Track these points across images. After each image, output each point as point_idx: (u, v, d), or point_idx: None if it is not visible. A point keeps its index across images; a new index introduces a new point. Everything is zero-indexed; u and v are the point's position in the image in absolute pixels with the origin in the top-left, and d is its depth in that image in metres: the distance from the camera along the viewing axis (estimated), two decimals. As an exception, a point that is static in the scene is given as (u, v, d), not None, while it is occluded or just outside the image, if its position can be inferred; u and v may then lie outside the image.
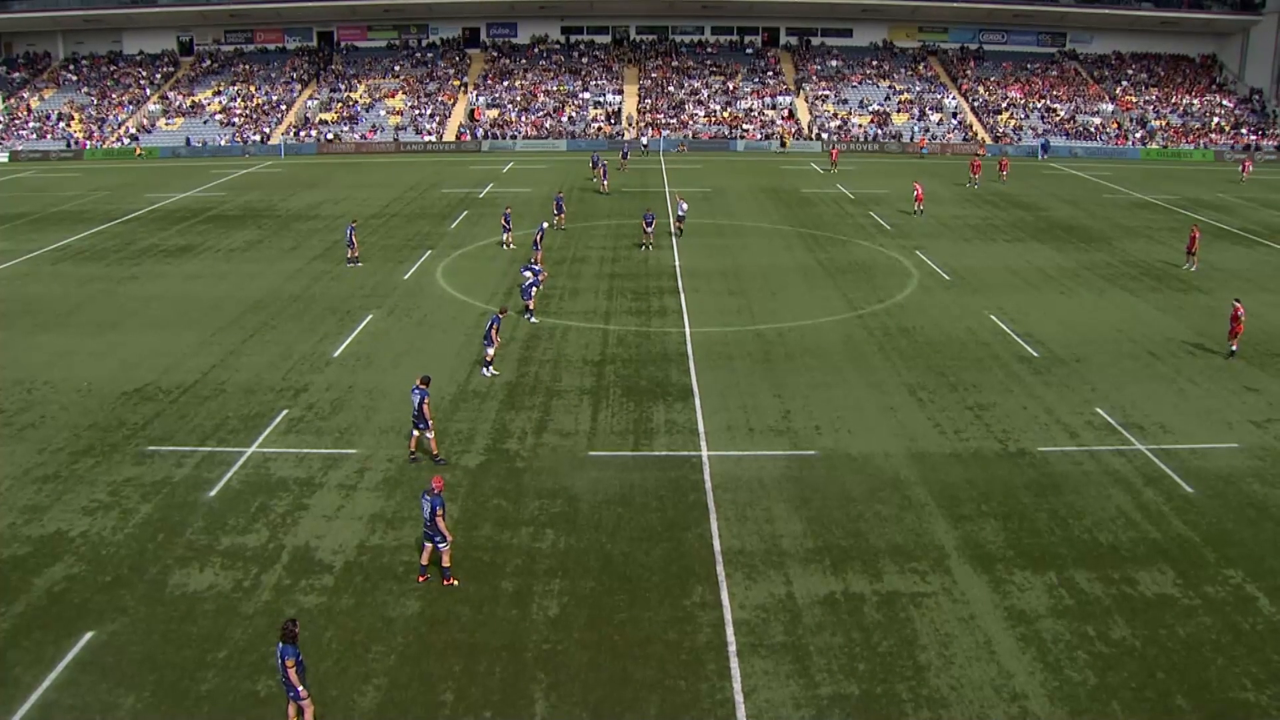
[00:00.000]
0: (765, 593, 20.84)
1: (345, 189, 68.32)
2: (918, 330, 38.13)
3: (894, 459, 27.09)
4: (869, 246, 51.87)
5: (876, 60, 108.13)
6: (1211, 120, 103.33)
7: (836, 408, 30.37)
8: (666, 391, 31.55)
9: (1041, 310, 41.24)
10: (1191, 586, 21.51)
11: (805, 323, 38.67)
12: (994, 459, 27.33)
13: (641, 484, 25.37)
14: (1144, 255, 52.30)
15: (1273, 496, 25.70)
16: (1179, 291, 45.25)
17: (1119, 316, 40.89)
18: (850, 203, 64.81)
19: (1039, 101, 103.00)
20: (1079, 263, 50.04)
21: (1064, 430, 29.23)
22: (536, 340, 36.23)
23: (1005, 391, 32.24)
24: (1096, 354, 35.97)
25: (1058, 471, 26.65)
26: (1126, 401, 31.56)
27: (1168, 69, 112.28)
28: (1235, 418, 30.69)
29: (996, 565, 22.04)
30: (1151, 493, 25.68)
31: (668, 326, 37.97)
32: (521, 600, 20.52)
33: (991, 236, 55.78)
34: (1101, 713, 17.53)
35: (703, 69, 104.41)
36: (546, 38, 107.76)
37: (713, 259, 48.00)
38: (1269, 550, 23.09)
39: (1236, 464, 27.50)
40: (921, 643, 19.28)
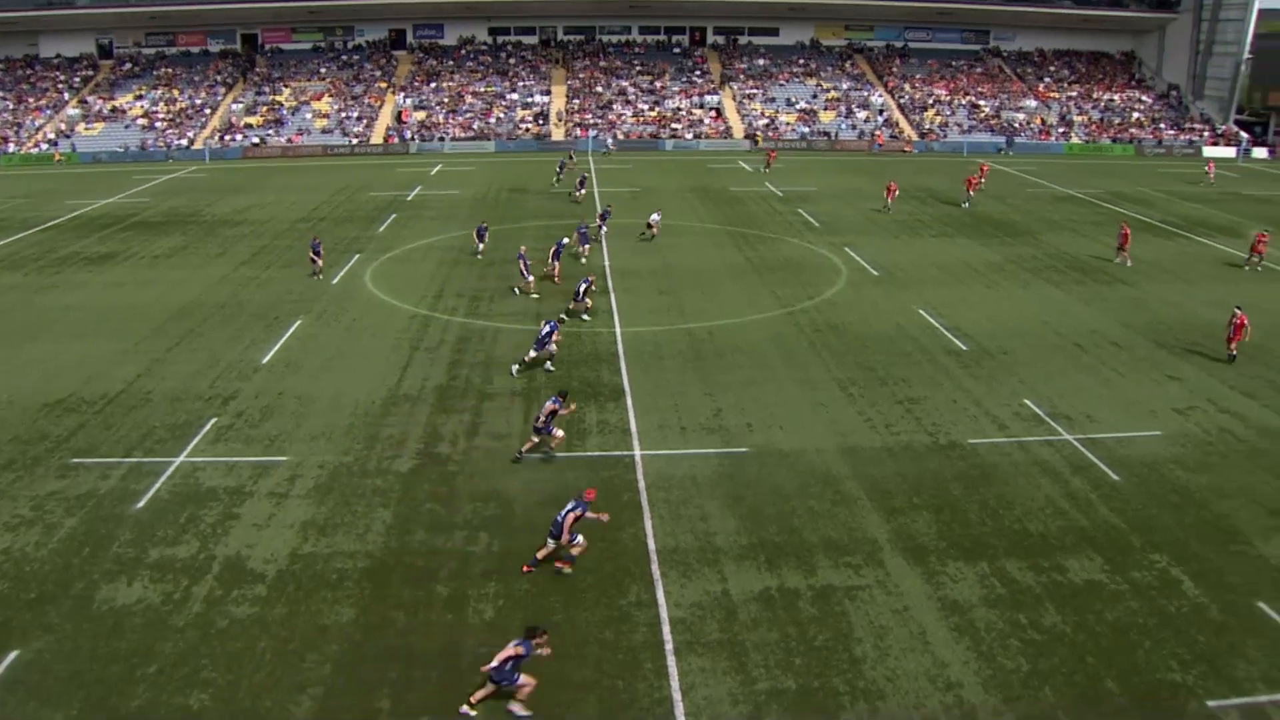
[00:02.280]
0: (701, 590, 20.93)
1: (272, 193, 67.49)
2: (847, 326, 38.46)
3: (826, 454, 27.31)
4: (798, 244, 52.21)
5: (803, 59, 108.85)
6: (1131, 115, 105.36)
7: (768, 405, 30.55)
8: (598, 392, 31.54)
9: (969, 304, 41.79)
10: (1119, 572, 21.95)
11: (735, 321, 38.85)
12: (925, 452, 27.66)
13: (575, 485, 25.28)
14: (1069, 249, 53.16)
15: (1195, 482, 26.31)
16: (1103, 284, 46.08)
17: (1045, 309, 41.56)
18: (779, 200, 65.18)
19: (964, 98, 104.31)
20: (1005, 257, 50.78)
21: (993, 422, 29.66)
22: (466, 342, 36.03)
23: (935, 385, 32.63)
24: (1023, 346, 36.56)
25: (988, 463, 27.04)
26: (1054, 393, 32.11)
27: (1089, 66, 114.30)
28: (1159, 406, 31.35)
29: (929, 557, 22.32)
30: (1079, 481, 26.16)
31: (598, 327, 37.95)
32: (457, 604, 20.42)
33: (919, 232, 56.40)
34: (1034, 699, 17.84)
35: (630, 69, 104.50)
36: (474, 39, 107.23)
37: (643, 258, 48.04)
38: (1192, 535, 23.63)
39: (1160, 451, 28.10)
40: (857, 635, 19.48)
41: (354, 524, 23.52)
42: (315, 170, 78.61)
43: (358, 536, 22.90)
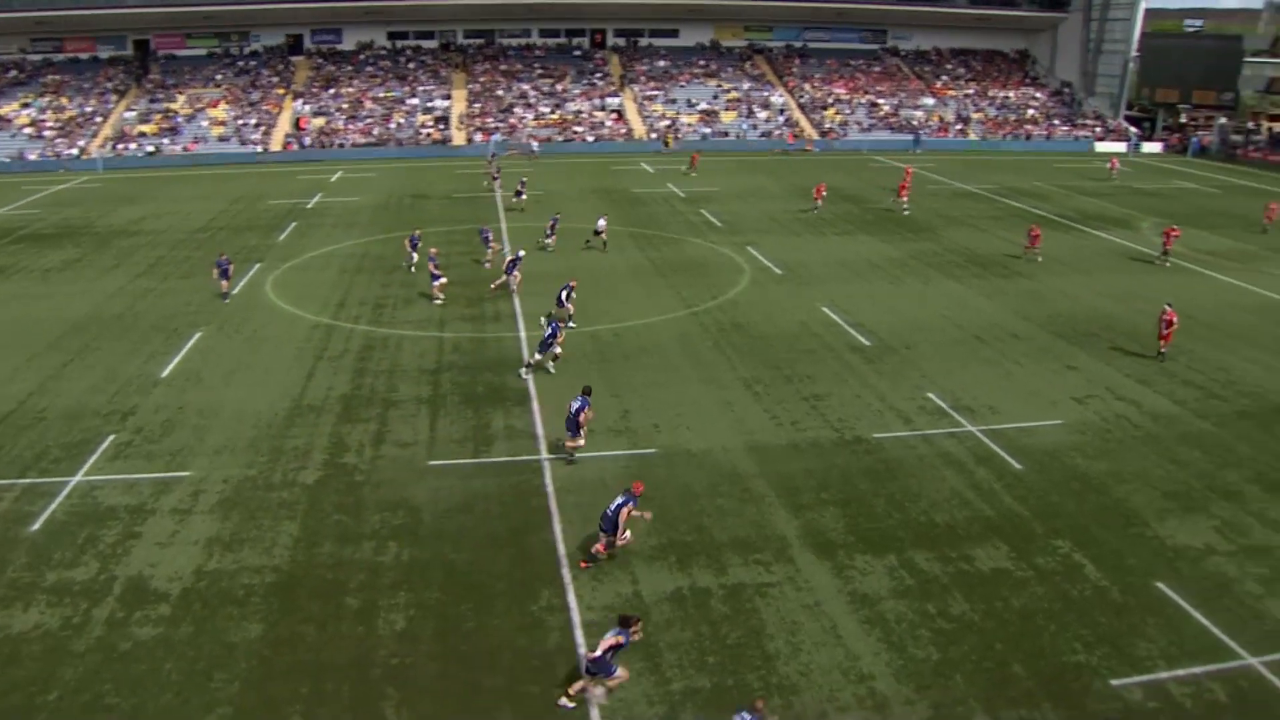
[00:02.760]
0: (612, 593, 20.94)
1: (168, 203, 66.03)
2: (752, 325, 38.77)
3: (733, 453, 27.51)
4: (701, 244, 52.48)
5: (704, 60, 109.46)
6: (1026, 112, 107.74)
7: (674, 405, 30.68)
8: (504, 397, 31.40)
9: (872, 301, 42.37)
10: (1024, 559, 22.45)
11: (640, 322, 38.95)
12: (831, 448, 27.99)
13: (483, 491, 25.21)
14: (968, 244, 54.18)
15: (1094, 469, 27.02)
16: (1002, 278, 47.05)
17: (946, 304, 42.34)
18: (681, 201, 65.46)
19: (864, 97, 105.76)
20: (906, 253, 51.60)
21: (898, 416, 30.12)
22: (371, 351, 35.64)
23: (839, 381, 33.04)
24: (926, 341, 37.19)
25: (893, 456, 27.46)
26: (956, 385, 32.72)
27: (984, 64, 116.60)
28: (1058, 396, 32.12)
29: (838, 551, 22.60)
30: (983, 472, 26.68)
31: (503, 331, 37.78)
32: (367, 616, 20.19)
33: (821, 230, 57.03)
34: (945, 687, 18.19)
35: (531, 72, 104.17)
36: (372, 44, 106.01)
37: (546, 262, 47.90)
38: (1092, 520, 24.28)
39: (1060, 439, 28.81)
40: (769, 632, 19.65)
41: (260, 538, 23.13)
42: (212, 179, 77.12)
43: (264, 551, 22.52)
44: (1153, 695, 18.13)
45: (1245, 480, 26.77)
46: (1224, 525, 24.32)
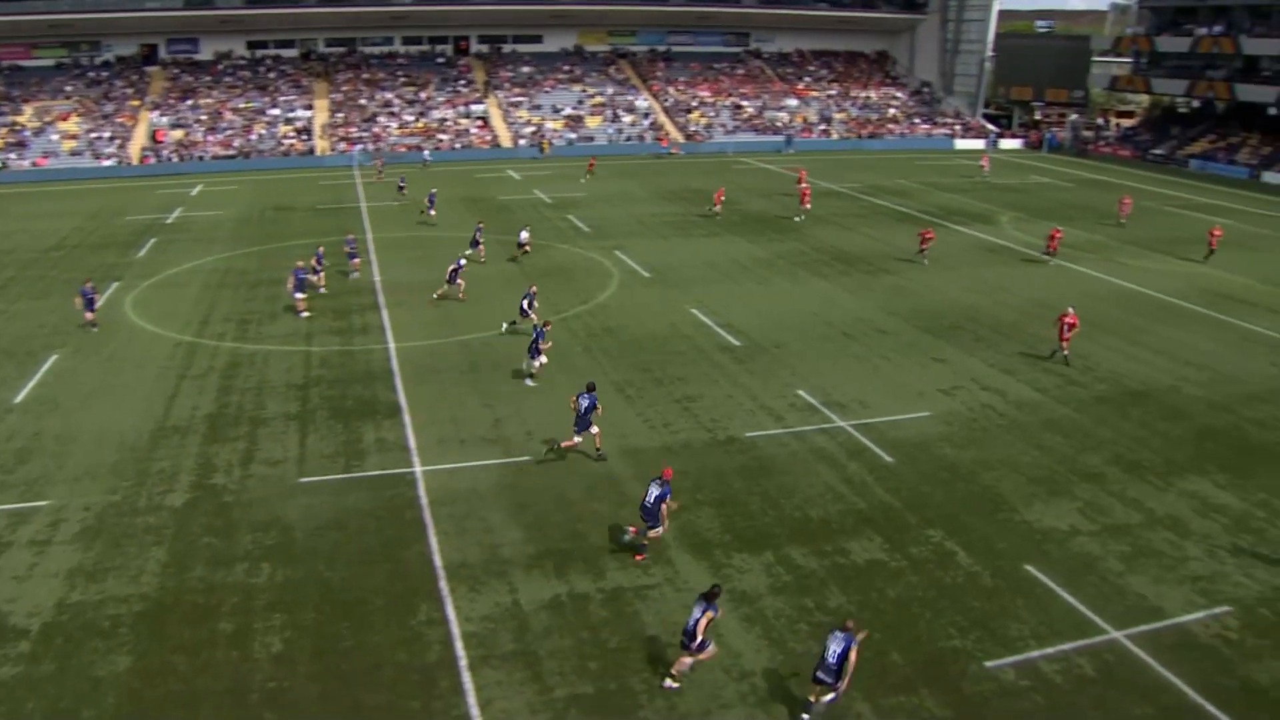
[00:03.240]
0: (491, 603, 20.80)
1: (17, 220, 63.55)
2: (622, 329, 38.91)
3: (607, 457, 27.57)
4: (568, 249, 52.47)
5: (568, 65, 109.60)
6: (888, 111, 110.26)
7: (546, 411, 30.54)
8: (375, 410, 30.98)
9: (740, 301, 42.87)
10: (897, 549, 22.94)
11: (495, 333, 38.70)
12: (704, 448, 28.23)
13: (356, 506, 24.83)
14: (834, 242, 55.17)
15: (962, 458, 27.76)
16: (868, 274, 48.04)
17: (814, 301, 43.06)
18: (548, 207, 65.40)
19: (727, 99, 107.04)
20: (773, 253, 52.31)
21: (769, 414, 30.51)
22: (237, 368, 34.84)
23: (711, 382, 33.35)
24: (795, 339, 37.76)
25: (766, 454, 27.81)
26: (826, 382, 33.28)
27: (845, 65, 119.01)
28: (925, 388, 32.91)
29: (715, 551, 22.79)
30: (855, 466, 27.19)
31: (371, 344, 37.28)
32: (241, 640, 19.70)
33: (689, 232, 57.52)
34: (824, 679, 18.44)
35: (394, 80, 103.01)
36: (231, 53, 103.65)
37: (414, 271, 47.37)
38: (961, 508, 24.93)
39: (929, 431, 29.52)
40: (650, 634, 19.71)
41: (126, 566, 22.40)
42: (65, 195, 74.49)
43: (131, 579, 21.81)
44: (1025, 674, 18.68)
45: (1105, 462, 27.82)
46: (1086, 506, 25.21)
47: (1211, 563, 22.79)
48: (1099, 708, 17.91)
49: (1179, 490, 26.37)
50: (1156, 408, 31.97)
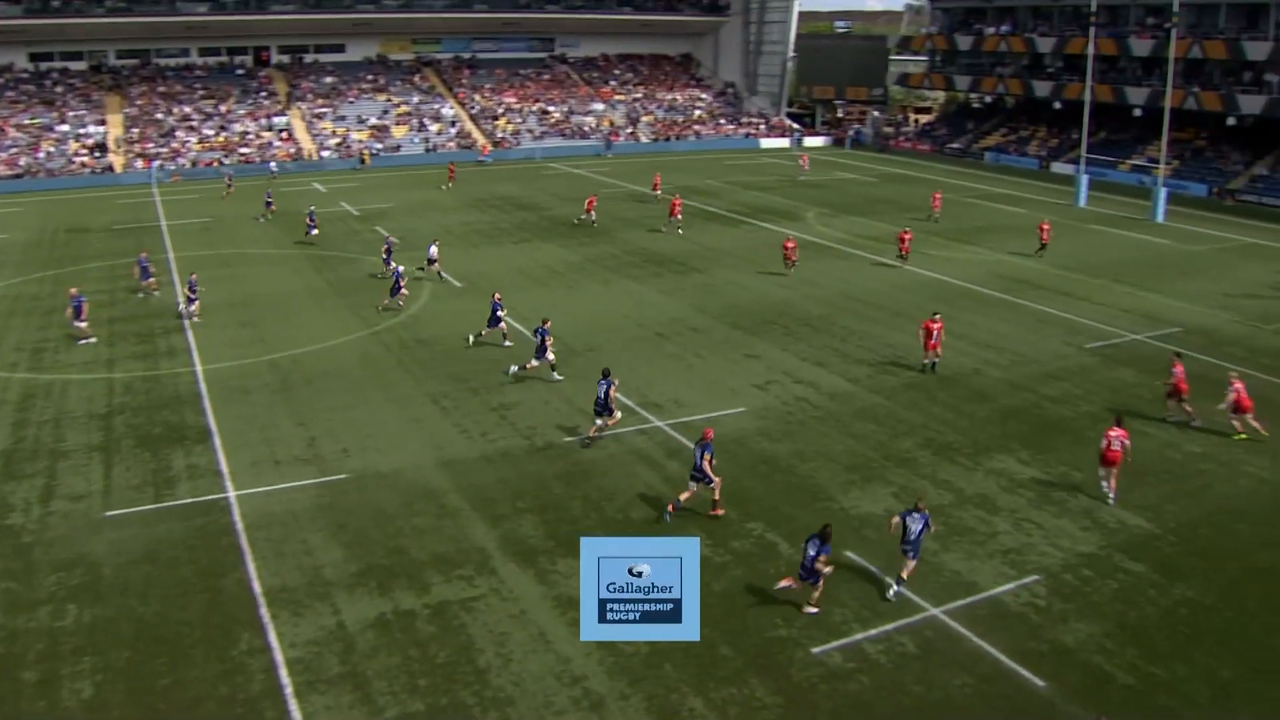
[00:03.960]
0: (314, 626, 20.32)
1: None
2: (435, 340, 38.55)
3: (425, 470, 27.27)
4: (378, 262, 51.62)
5: (372, 74, 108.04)
6: (694, 113, 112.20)
7: (362, 427, 30.13)
8: (184, 436, 29.92)
9: (553, 306, 42.76)
10: (720, 544, 23.33)
11: (321, 346, 38.00)
12: (523, 456, 28.21)
13: (168, 537, 23.92)
14: (644, 244, 55.82)
15: (779, 450, 28.44)
16: (678, 274, 48.79)
17: (626, 304, 43.55)
18: (356, 219, 64.30)
19: (534, 105, 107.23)
20: (584, 257, 52.61)
21: (587, 418, 30.41)
22: (32, 399, 33.16)
23: (526, 389, 33.31)
24: (609, 341, 38.09)
25: (586, 458, 27.94)
26: (642, 382, 33.63)
27: (651, 68, 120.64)
28: (739, 384, 33.61)
29: (539, 558, 22.76)
30: (675, 465, 27.50)
31: (177, 367, 36.02)
32: (49, 688, 18.67)
33: (498, 240, 57.40)
34: (657, 677, 18.63)
35: (192, 93, 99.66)
36: (12, 66, 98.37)
37: (219, 291, 45.91)
38: (780, 499, 25.55)
39: (745, 426, 30.13)
40: (479, 646, 19.57)
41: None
42: None
43: (-86, 633, 20.56)
44: (851, 657, 19.23)
45: (916, 446, 28.92)
46: (901, 490, 26.10)
47: (1019, 535, 23.91)
48: (921, 682, 18.57)
49: (986, 469, 27.59)
50: (962, 391, 33.37)
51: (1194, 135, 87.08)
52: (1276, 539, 24.17)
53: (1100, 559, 23.05)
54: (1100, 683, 18.51)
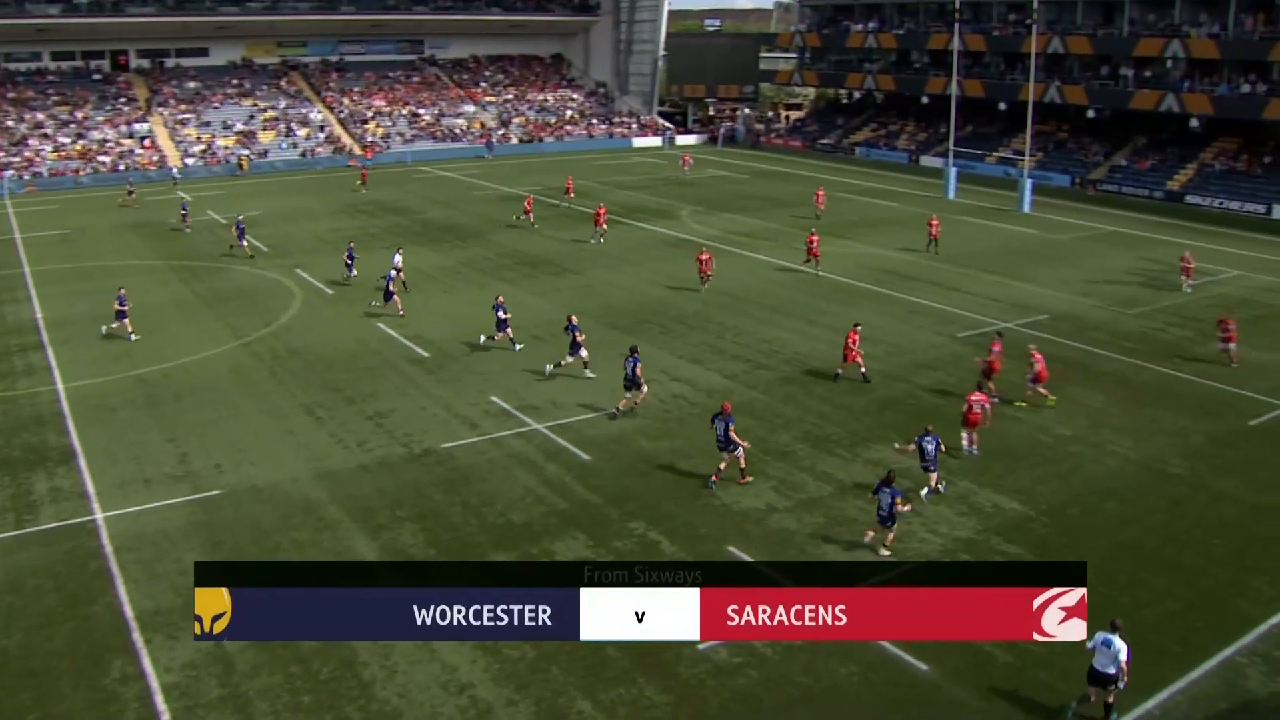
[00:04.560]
0: (191, 649, 19.76)
1: None
2: (308, 349, 38.01)
3: (302, 483, 26.89)
4: (248, 271, 50.74)
5: (236, 78, 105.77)
6: (565, 113, 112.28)
7: (235, 441, 29.58)
8: (45, 458, 28.96)
9: (428, 311, 42.72)
10: (602, 544, 23.47)
11: (191, 359, 37.13)
12: (401, 464, 28.00)
13: (30, 565, 23.14)
14: (518, 246, 55.71)
15: (659, 449, 28.72)
16: (553, 275, 48.85)
17: (504, 306, 43.35)
18: (223, 228, 62.90)
19: (404, 108, 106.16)
20: (458, 260, 52.27)
21: (464, 423, 30.56)
22: None
23: (402, 396, 33.09)
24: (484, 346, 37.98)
25: (465, 464, 27.85)
26: (518, 385, 33.65)
27: (521, 69, 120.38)
28: (617, 384, 32.99)
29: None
30: (554, 467, 27.62)
31: (36, 386, 34.87)
32: (-102, 734, 18.06)
33: (370, 246, 56.56)
34: (544, 681, 18.69)
35: (45, 100, 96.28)
36: None
37: (80, 305, 44.52)
38: (661, 497, 25.78)
39: (624, 425, 30.38)
40: (362, 660, 19.34)
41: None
42: None
43: None
44: (738, 651, 19.42)
45: (794, 440, 29.43)
46: (781, 484, 26.56)
47: (899, 524, 24.45)
48: (809, 673, 18.90)
49: (864, 459, 28.20)
50: (838, 384, 34.01)
51: (1056, 128, 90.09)
52: (1140, 516, 25.23)
53: (978, 543, 23.75)
54: (981, 662, 19.02)
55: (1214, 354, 36.80)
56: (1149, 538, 24.15)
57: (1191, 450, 29.16)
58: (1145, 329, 40.68)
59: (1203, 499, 26.16)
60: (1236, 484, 27.00)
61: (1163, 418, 31.50)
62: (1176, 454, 28.88)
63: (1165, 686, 18.48)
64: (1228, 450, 29.23)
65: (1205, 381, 34.67)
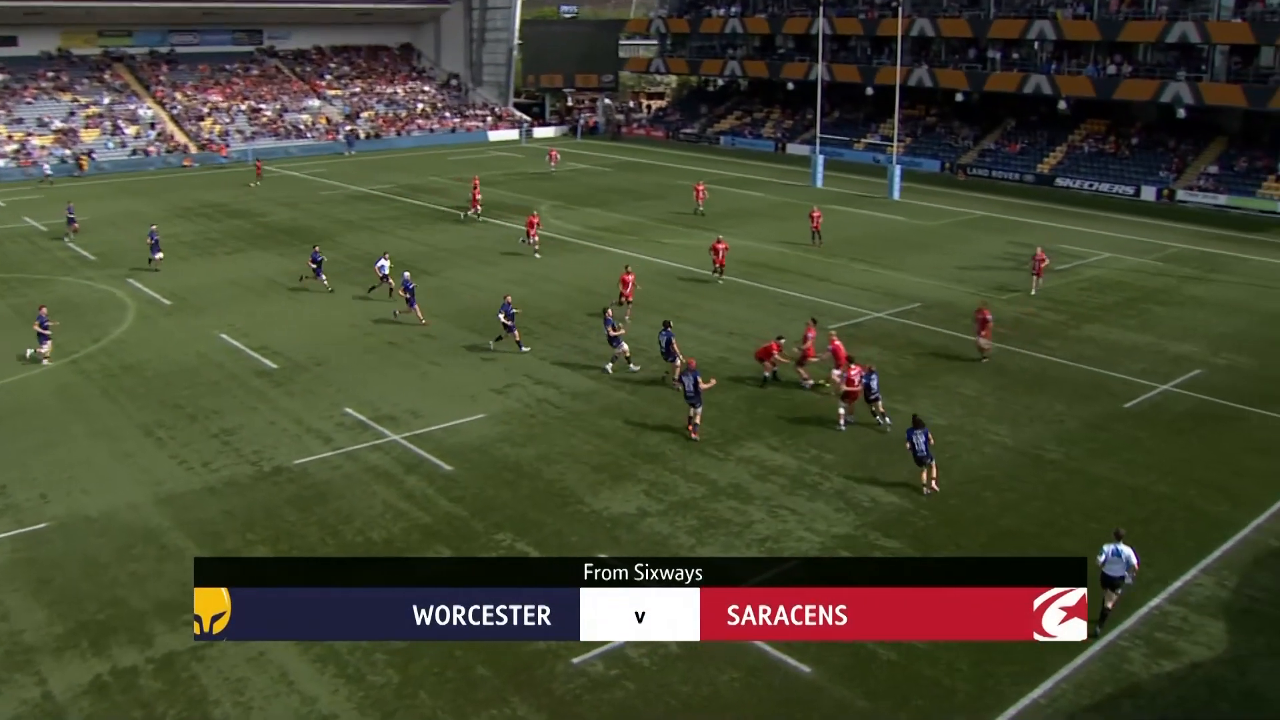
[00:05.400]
0: (16, 701, 18.97)
1: None
2: (144, 365, 36.91)
3: (141, 509, 26.08)
4: (74, 282, 49.10)
5: (52, 71, 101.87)
6: (416, 106, 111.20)
7: (63, 468, 28.56)
8: None
9: (275, 320, 41.97)
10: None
11: (8, 380, 35.70)
12: (250, 483, 27.42)
13: None
14: (369, 248, 54.86)
15: (524, 456, 28.66)
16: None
17: (354, 312, 42.91)
18: (44, 236, 60.81)
19: (243, 103, 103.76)
20: (306, 265, 51.12)
21: (317, 438, 30.09)
22: None
23: (250, 411, 32.41)
24: (337, 354, 37.42)
25: (320, 480, 27.41)
26: (374, 395, 33.27)
27: (369, 60, 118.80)
28: (477, 389, 33.67)
29: (273, 591, 22.18)
30: (414, 480, 27.38)
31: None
32: None
33: (210, 251, 55.47)
34: (411, 707, 18.53)
35: None
36: None
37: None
38: (529, 506, 25.77)
39: (487, 433, 30.23)
40: (214, 697, 18.91)
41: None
42: None
43: None
44: (613, 664, 19.49)
45: (664, 441, 29.63)
46: (651, 487, 26.73)
47: (774, 523, 24.82)
48: (688, 681, 19.05)
49: (737, 458, 28.52)
50: (709, 380, 34.22)
51: (925, 112, 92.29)
52: (1019, 503, 26.10)
53: (856, 539, 24.24)
54: (864, 661, 19.40)
55: (1085, 336, 38.11)
56: (1028, 524, 24.96)
57: (1067, 436, 30.20)
58: (1018, 314, 41.91)
59: (1080, 484, 27.11)
60: (1113, 467, 28.04)
61: (1038, 404, 32.53)
62: (1053, 440, 29.87)
63: (1051, 675, 19.06)
64: (1103, 434, 30.33)
65: (1080, 366, 35.91)
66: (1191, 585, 22.23)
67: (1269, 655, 19.96)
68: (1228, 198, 69.18)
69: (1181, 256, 53.85)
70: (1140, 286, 46.91)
